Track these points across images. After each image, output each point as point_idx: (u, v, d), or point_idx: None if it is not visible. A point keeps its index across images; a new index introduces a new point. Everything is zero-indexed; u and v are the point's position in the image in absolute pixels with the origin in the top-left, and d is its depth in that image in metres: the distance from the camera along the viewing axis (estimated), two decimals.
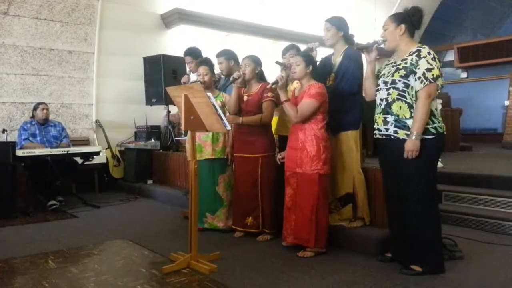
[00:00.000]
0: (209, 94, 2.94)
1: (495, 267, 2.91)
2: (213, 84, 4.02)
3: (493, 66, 10.58)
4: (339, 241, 3.32)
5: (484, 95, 11.23)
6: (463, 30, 12.27)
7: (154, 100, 6.49)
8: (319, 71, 3.42)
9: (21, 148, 4.80)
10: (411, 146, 2.65)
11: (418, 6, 2.83)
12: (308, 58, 3.26)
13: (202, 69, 3.89)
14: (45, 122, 5.15)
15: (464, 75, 11.26)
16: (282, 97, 3.23)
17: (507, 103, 8.93)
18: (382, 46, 2.92)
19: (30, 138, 5.00)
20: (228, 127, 3.00)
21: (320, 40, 3.62)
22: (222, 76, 4.38)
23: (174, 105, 3.34)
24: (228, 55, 4.21)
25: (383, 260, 3.00)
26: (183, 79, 4.77)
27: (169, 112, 6.57)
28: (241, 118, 3.64)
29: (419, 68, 2.67)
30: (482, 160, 6.15)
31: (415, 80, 2.68)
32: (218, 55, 4.22)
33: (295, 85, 3.57)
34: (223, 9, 7.46)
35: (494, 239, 3.52)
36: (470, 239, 3.47)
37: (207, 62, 3.99)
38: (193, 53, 4.73)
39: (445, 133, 2.79)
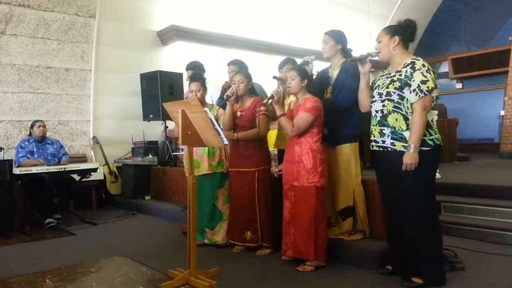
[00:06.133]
0: (206, 109, 2.95)
1: (495, 278, 2.89)
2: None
3: (488, 77, 10.65)
4: (339, 255, 3.29)
5: (479, 106, 11.29)
6: (456, 42, 12.41)
7: (151, 116, 6.51)
8: (316, 84, 3.43)
9: (19, 165, 4.78)
10: (409, 159, 2.64)
11: (411, 19, 2.85)
12: (303, 72, 3.28)
13: (194, 86, 3.90)
14: (42, 140, 5.14)
15: (459, 85, 11.34)
16: (278, 112, 3.24)
17: (502, 113, 8.96)
18: (376, 58, 2.93)
19: (28, 156, 4.98)
20: (226, 142, 3.01)
21: (316, 53, 3.64)
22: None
23: (172, 120, 3.35)
24: (240, 64, 4.19)
25: (384, 273, 2.98)
26: (186, 94, 4.75)
27: (166, 127, 6.58)
28: (236, 134, 3.65)
29: (413, 80, 2.66)
30: (480, 170, 6.16)
31: (410, 92, 2.68)
32: (230, 64, 4.22)
33: (291, 98, 3.58)
34: (218, 25, 7.54)
35: (494, 249, 3.51)
36: (469, 250, 3.45)
37: (198, 78, 3.98)
38: (196, 66, 4.75)
39: (441, 144, 2.79)
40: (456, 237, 3.85)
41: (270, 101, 3.30)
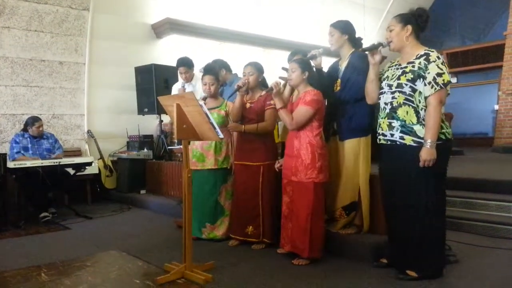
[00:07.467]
0: (201, 103, 2.94)
1: (489, 271, 2.92)
2: (218, 92, 3.98)
3: (483, 71, 10.70)
4: (334, 248, 3.30)
5: (474, 100, 11.33)
6: (451, 36, 12.41)
7: (146, 110, 6.47)
8: (323, 77, 3.38)
9: (13, 161, 4.74)
10: (427, 155, 2.55)
11: (423, 8, 2.75)
12: (304, 64, 3.22)
13: (208, 79, 3.82)
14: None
15: (453, 80, 11.36)
16: (278, 105, 3.21)
17: (496, 107, 9.02)
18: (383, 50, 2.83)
19: (22, 151, 4.93)
20: (221, 136, 2.97)
21: (311, 47, 3.61)
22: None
23: (167, 114, 3.34)
24: (217, 65, 4.19)
25: (379, 266, 2.99)
26: (179, 92, 4.71)
27: (161, 121, 6.56)
28: (243, 126, 3.60)
29: (428, 73, 2.58)
30: (474, 164, 6.20)
31: (425, 85, 2.59)
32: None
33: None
34: (214, 18, 7.49)
35: (488, 242, 3.54)
36: (464, 243, 3.48)
37: (212, 70, 3.92)
38: (186, 63, 4.73)
39: (452, 138, 2.73)
40: (451, 231, 3.86)
41: (268, 93, 3.26)
